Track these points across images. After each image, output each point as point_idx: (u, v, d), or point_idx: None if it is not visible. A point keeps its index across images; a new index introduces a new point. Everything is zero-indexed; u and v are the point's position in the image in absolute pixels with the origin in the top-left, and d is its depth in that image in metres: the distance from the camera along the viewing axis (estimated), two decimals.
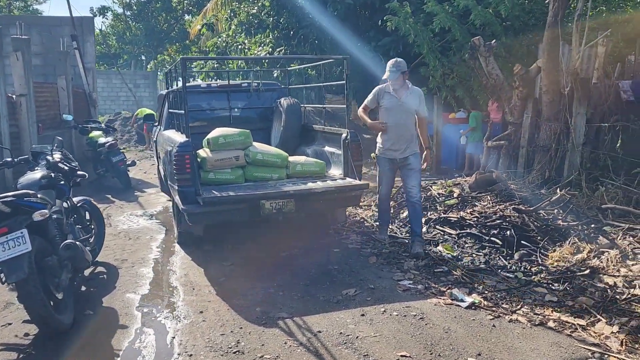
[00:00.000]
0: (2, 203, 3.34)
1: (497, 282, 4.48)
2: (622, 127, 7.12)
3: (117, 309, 4.06)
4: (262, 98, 7.14)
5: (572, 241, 4.93)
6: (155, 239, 6.04)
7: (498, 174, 6.88)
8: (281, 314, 3.88)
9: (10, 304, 4.18)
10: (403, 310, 3.89)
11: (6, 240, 3.30)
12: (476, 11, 8.98)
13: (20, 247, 3.31)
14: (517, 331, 3.56)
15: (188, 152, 4.86)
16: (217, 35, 15.36)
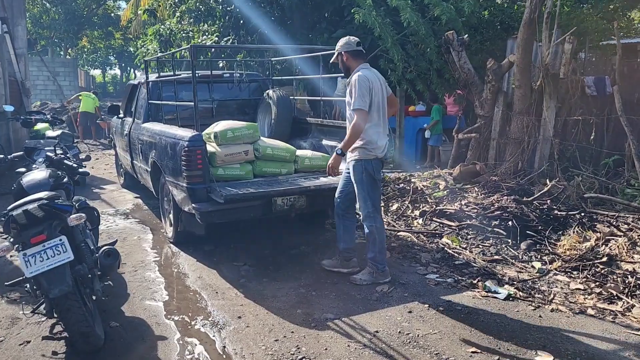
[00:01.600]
0: (38, 207, 2.93)
1: (517, 272, 4.58)
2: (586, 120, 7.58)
3: (144, 319, 3.72)
4: (244, 89, 6.85)
5: (575, 230, 5.14)
6: (144, 240, 5.63)
7: (482, 166, 7.08)
8: (327, 315, 3.73)
9: (17, 319, 3.71)
10: (447, 305, 3.88)
11: (44, 248, 2.91)
12: (441, 7, 9.12)
13: (61, 256, 2.93)
14: (564, 320, 3.65)
15: (200, 147, 4.55)
16: (159, 22, 14.56)
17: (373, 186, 4.23)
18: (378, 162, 4.24)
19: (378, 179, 4.25)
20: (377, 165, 4.23)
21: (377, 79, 4.18)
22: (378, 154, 4.20)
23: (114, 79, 49.23)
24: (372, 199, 4.24)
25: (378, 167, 4.24)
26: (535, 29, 7.27)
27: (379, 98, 4.15)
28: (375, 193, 4.27)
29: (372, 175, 4.20)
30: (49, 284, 2.89)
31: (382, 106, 4.22)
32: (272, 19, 12.81)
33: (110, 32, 26.96)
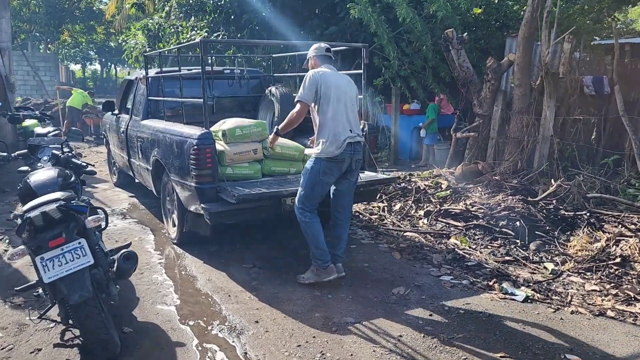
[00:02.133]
0: (56, 208, 2.78)
1: (530, 273, 4.55)
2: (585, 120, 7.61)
3: (159, 324, 3.59)
4: (245, 86, 6.71)
5: (584, 230, 5.13)
6: (146, 241, 5.47)
7: (484, 165, 7.06)
8: (347, 319, 3.65)
9: (24, 325, 3.55)
10: (467, 308, 3.82)
11: (62, 252, 2.77)
12: (438, 4, 9.09)
13: (80, 260, 2.80)
14: (585, 323, 3.62)
15: (209, 145, 4.42)
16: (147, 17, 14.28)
17: (314, 183, 4.07)
18: (329, 164, 4.04)
19: (325, 180, 4.09)
20: (327, 166, 4.04)
21: (334, 77, 4.13)
22: (329, 154, 4.01)
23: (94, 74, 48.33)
24: (307, 195, 4.11)
25: (327, 169, 4.05)
26: (536, 27, 7.27)
27: (333, 94, 4.04)
28: (314, 192, 4.11)
29: (318, 174, 4.05)
30: (68, 290, 2.75)
31: (342, 103, 4.09)
32: (263, 15, 12.66)
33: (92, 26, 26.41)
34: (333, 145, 4.02)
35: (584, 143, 7.61)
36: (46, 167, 3.73)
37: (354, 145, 4.10)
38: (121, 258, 3.05)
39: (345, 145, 4.03)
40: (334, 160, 4.04)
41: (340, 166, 4.10)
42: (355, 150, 4.13)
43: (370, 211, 6.48)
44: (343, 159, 4.07)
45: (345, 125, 4.08)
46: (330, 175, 4.10)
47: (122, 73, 52.79)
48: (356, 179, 4.34)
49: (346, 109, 4.13)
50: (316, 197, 4.16)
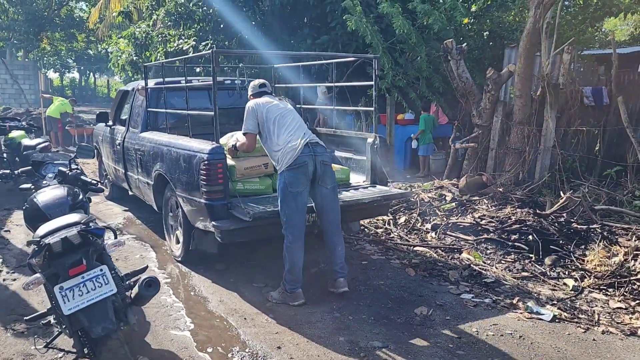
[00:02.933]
0: (77, 234, 2.56)
1: (550, 290, 4.45)
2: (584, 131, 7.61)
3: (175, 352, 3.37)
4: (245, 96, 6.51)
5: (600, 244, 5.06)
6: (148, 259, 5.23)
7: (488, 176, 6.98)
8: (373, 344, 3.48)
9: (30, 356, 3.29)
10: (495, 330, 3.69)
11: (82, 280, 2.55)
12: (434, 16, 9.04)
13: (102, 288, 2.60)
14: (619, 344, 3.52)
15: (221, 160, 4.23)
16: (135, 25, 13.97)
17: (286, 198, 3.97)
18: (291, 173, 3.95)
19: (295, 191, 3.95)
20: (291, 176, 3.95)
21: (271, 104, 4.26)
22: (288, 162, 3.96)
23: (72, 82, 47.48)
24: (285, 213, 4.00)
25: (292, 178, 3.95)
26: (537, 39, 7.25)
27: (273, 112, 4.17)
28: (289, 207, 3.97)
29: (286, 187, 3.96)
30: (90, 322, 2.54)
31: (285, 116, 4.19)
32: (252, 24, 12.51)
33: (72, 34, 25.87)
34: (289, 154, 3.98)
35: (585, 154, 7.61)
36: (52, 185, 3.49)
37: (312, 147, 4.03)
38: (143, 285, 2.83)
39: (301, 147, 3.97)
40: (294, 166, 3.95)
41: (304, 171, 3.98)
42: (315, 151, 4.04)
43: (375, 224, 6.33)
44: (304, 162, 3.96)
45: (297, 133, 4.08)
46: (297, 184, 3.96)
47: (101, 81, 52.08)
48: (333, 187, 4.15)
49: (294, 119, 4.20)
50: (294, 214, 3.99)
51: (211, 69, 4.20)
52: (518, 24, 10.86)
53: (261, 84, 4.50)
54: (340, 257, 4.20)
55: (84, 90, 44.81)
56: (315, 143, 4.08)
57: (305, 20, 12.74)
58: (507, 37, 10.46)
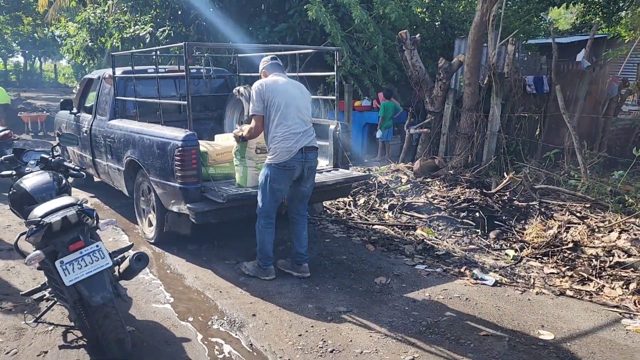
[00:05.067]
0: (76, 213, 2.84)
1: (494, 259, 4.98)
2: (526, 117, 8.24)
3: (159, 322, 3.68)
4: (211, 85, 6.79)
5: (538, 219, 5.64)
6: (121, 241, 5.45)
7: (440, 160, 7.50)
8: (339, 309, 3.89)
9: (22, 329, 3.54)
10: (445, 294, 4.17)
11: (81, 255, 2.83)
12: (391, 5, 9.46)
13: (100, 262, 2.88)
14: (549, 302, 4.06)
15: (194, 146, 4.52)
16: (91, 9, 13.77)
17: (266, 189, 4.14)
18: (278, 171, 4.08)
19: (275, 187, 4.13)
20: (276, 173, 4.09)
21: (282, 84, 4.17)
22: (278, 160, 4.06)
23: (16, 67, 45.63)
24: (262, 200, 4.20)
25: (276, 176, 4.09)
26: (484, 30, 7.77)
27: (280, 100, 4.07)
28: (267, 197, 4.17)
29: (268, 180, 4.11)
30: (90, 292, 2.82)
31: (291, 108, 4.10)
32: (210, 10, 12.59)
33: (18, 17, 24.97)
34: (283, 152, 4.04)
35: (527, 138, 8.24)
36: (35, 171, 3.71)
37: (305, 153, 4.11)
38: (133, 259, 3.13)
39: (296, 151, 4.05)
40: (282, 167, 4.07)
41: (290, 174, 4.13)
42: (307, 158, 4.13)
43: (337, 205, 6.75)
44: (293, 167, 4.09)
45: (296, 130, 4.09)
46: (280, 182, 4.14)
47: (48, 66, 50.25)
48: (311, 185, 4.39)
49: (298, 113, 4.13)
50: (270, 204, 4.20)
51: (184, 60, 4.44)
52: (467, 15, 11.42)
53: (272, 57, 4.37)
54: (305, 241, 4.51)
55: (29, 75, 43.22)
56: (310, 148, 4.15)
57: (263, 8, 12.92)
58: (458, 28, 11.01)
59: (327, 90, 11.45)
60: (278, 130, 4.08)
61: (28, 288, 4.03)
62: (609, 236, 5.08)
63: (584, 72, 8.94)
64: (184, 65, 4.48)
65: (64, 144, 4.28)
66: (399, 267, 4.73)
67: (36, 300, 3.49)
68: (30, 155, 3.93)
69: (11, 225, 5.92)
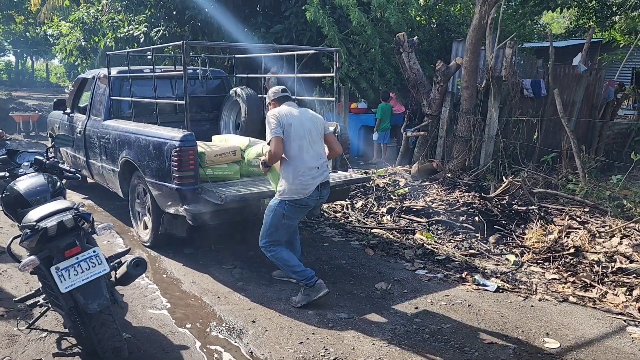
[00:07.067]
0: (72, 218, 2.74)
1: (494, 264, 4.93)
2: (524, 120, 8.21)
3: (156, 329, 3.59)
4: (207, 86, 6.70)
5: (537, 223, 5.60)
6: (116, 244, 5.36)
7: (438, 163, 7.44)
8: (340, 315, 3.82)
9: (15, 336, 3.43)
10: (447, 300, 4.10)
11: (77, 261, 2.74)
12: (390, 10, 9.41)
13: (96, 268, 2.79)
14: (553, 308, 4.00)
15: (192, 147, 4.43)
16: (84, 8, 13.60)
17: (277, 226, 3.92)
18: (292, 208, 3.88)
19: (287, 223, 3.95)
20: (291, 210, 3.88)
21: (295, 114, 3.91)
22: (293, 196, 3.84)
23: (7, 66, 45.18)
24: (270, 234, 3.97)
25: (291, 213, 3.89)
26: (482, 34, 7.74)
27: (294, 132, 3.82)
28: (278, 232, 3.96)
29: (282, 217, 3.89)
30: (86, 299, 2.73)
31: (305, 140, 3.86)
32: (206, 11, 12.50)
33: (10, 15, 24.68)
34: (297, 189, 3.82)
35: (525, 142, 8.21)
36: (29, 173, 3.60)
37: (320, 190, 3.92)
38: (131, 264, 3.04)
39: (312, 190, 3.86)
40: (297, 204, 3.88)
41: (304, 210, 4.01)
42: (322, 195, 3.96)
43: (334, 209, 6.68)
44: (308, 204, 3.93)
45: (311, 165, 3.86)
46: (293, 218, 3.99)
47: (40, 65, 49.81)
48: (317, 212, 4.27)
49: (311, 144, 3.89)
50: (279, 237, 4.00)
51: (181, 59, 4.36)
52: (464, 18, 11.40)
53: (283, 89, 4.11)
54: (299, 246, 4.42)
55: (20, 74, 42.81)
56: (325, 184, 3.96)
57: (259, 9, 12.85)
58: (454, 30, 10.98)
59: (322, 92, 11.41)
60: (292, 164, 3.83)
61: (21, 292, 3.96)
62: (610, 241, 5.05)
63: (581, 76, 8.94)
64: (182, 65, 4.39)
65: (59, 145, 4.18)
66: (400, 272, 4.67)
67: (29, 306, 3.39)
68: (24, 156, 3.82)
69: (3, 228, 5.79)
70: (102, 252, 2.92)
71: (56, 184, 3.54)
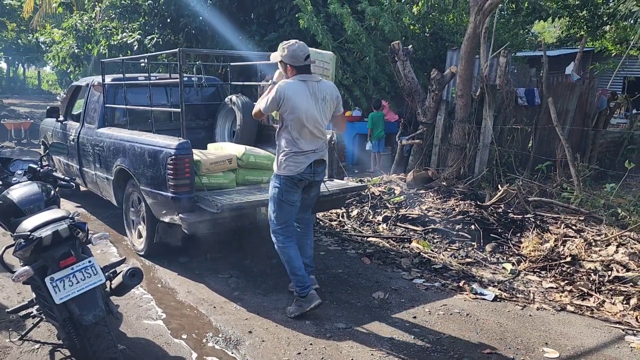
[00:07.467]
0: (67, 227, 2.69)
1: (491, 273, 4.91)
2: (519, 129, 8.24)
3: (151, 340, 3.53)
4: (202, 93, 6.67)
5: (533, 232, 5.59)
6: (110, 254, 5.29)
7: (434, 171, 7.44)
8: (338, 325, 3.78)
9: (7, 348, 3.36)
10: (445, 309, 4.08)
11: (72, 271, 2.69)
12: (384, 18, 9.45)
13: (92, 279, 2.73)
14: (551, 318, 3.99)
15: (188, 155, 4.40)
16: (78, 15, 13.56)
17: (282, 205, 3.89)
18: (288, 182, 3.85)
19: (288, 199, 3.88)
20: (287, 184, 3.85)
21: (305, 98, 3.74)
22: (288, 172, 3.83)
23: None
24: (279, 217, 3.93)
25: (288, 187, 3.85)
26: (477, 42, 7.77)
27: (300, 119, 3.73)
28: (283, 212, 3.91)
29: (281, 193, 3.86)
30: (81, 310, 2.68)
31: (310, 121, 3.76)
32: (200, 19, 12.51)
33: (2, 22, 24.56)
34: (292, 166, 3.81)
35: (519, 150, 8.24)
36: (22, 181, 3.55)
37: (313, 167, 3.88)
38: (127, 275, 2.99)
39: (304, 167, 3.83)
40: (291, 179, 3.85)
41: (300, 185, 3.93)
42: (316, 172, 3.92)
43: (329, 217, 6.65)
44: (302, 179, 3.89)
45: (307, 149, 3.83)
46: (292, 194, 3.90)
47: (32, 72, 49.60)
48: (315, 194, 4.21)
49: (313, 131, 3.81)
50: (286, 217, 3.94)
51: (178, 67, 4.33)
52: (457, 27, 11.46)
53: (307, 56, 3.76)
54: (310, 250, 4.28)
55: (12, 81, 42.60)
56: (319, 162, 3.93)
57: (253, 17, 12.87)
58: (448, 39, 11.03)
59: None
60: (291, 142, 3.80)
61: (13, 303, 3.89)
62: (606, 250, 5.05)
63: (574, 85, 9.00)
64: (178, 72, 4.36)
65: (54, 153, 4.13)
66: (397, 281, 4.64)
67: (22, 317, 3.33)
68: (18, 164, 3.77)
69: None
70: (97, 262, 2.87)
71: (50, 193, 3.49)
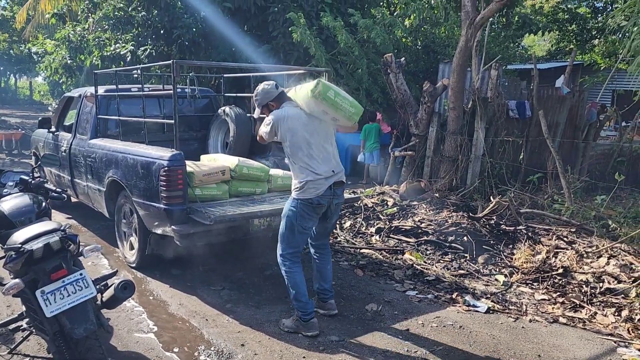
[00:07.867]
0: (59, 239, 2.67)
1: (484, 285, 4.92)
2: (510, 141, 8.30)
3: (142, 353, 3.50)
4: (195, 105, 6.67)
5: (525, 243, 5.61)
6: (101, 266, 5.26)
7: (426, 183, 7.46)
8: (331, 338, 3.76)
9: None
10: (438, 322, 4.07)
11: (63, 284, 2.66)
12: (376, 30, 9.53)
13: (83, 291, 2.71)
14: (544, 330, 3.99)
15: (181, 167, 4.39)
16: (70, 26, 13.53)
17: (294, 231, 3.79)
18: (306, 208, 3.73)
19: (302, 225, 3.78)
20: (305, 211, 3.73)
21: (298, 117, 3.71)
22: (306, 196, 3.70)
23: None
24: (287, 239, 3.84)
25: (305, 213, 3.74)
26: (469, 55, 7.84)
27: (303, 137, 3.68)
28: (294, 236, 3.82)
29: (296, 218, 3.75)
30: (72, 324, 2.65)
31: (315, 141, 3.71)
32: (193, 30, 12.54)
33: None
34: (310, 189, 3.69)
35: (511, 162, 8.29)
36: (13, 193, 3.53)
37: (334, 189, 3.77)
38: (119, 287, 2.97)
39: (324, 189, 3.71)
40: (309, 203, 3.72)
41: (318, 211, 3.80)
42: (335, 194, 3.80)
43: None
44: (321, 204, 3.75)
45: (323, 166, 3.73)
46: (309, 220, 3.79)
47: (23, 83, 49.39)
48: (335, 221, 4.12)
49: (321, 148, 3.74)
50: (297, 243, 3.86)
51: (171, 78, 4.34)
52: (449, 40, 11.58)
53: (276, 85, 3.84)
54: (330, 276, 4.19)
55: (3, 92, 42.40)
56: (339, 183, 3.82)
57: (246, 29, 12.93)
58: (440, 52, 11.13)
59: None
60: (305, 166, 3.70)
61: (1, 316, 3.85)
62: (597, 262, 5.07)
63: (565, 98, 9.09)
64: (172, 83, 4.37)
65: (46, 165, 4.11)
66: (390, 293, 4.63)
67: (11, 330, 3.28)
68: (9, 176, 3.75)
69: None
70: (88, 275, 2.85)
71: (41, 205, 3.47)
